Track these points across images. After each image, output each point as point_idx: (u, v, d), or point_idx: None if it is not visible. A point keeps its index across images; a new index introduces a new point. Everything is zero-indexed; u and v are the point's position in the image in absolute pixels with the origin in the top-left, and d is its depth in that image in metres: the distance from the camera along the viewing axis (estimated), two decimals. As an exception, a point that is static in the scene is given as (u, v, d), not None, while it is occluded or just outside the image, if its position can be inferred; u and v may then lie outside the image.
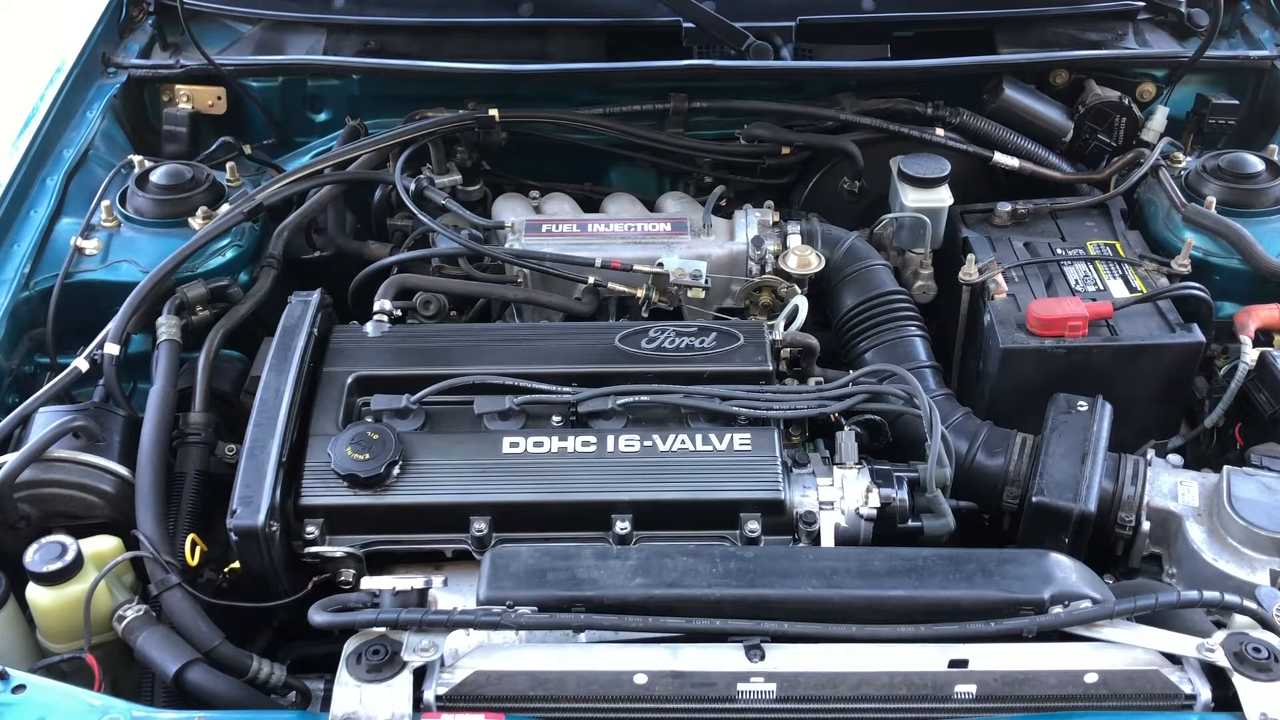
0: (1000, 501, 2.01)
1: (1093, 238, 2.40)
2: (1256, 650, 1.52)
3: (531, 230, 2.41)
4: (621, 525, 1.82)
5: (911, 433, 2.03)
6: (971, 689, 1.54)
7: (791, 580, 1.62)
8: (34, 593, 1.76)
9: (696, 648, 1.57)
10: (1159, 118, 2.68)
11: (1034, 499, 1.90)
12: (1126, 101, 2.67)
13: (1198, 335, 2.14)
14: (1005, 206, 2.44)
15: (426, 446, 1.90)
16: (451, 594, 1.76)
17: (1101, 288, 2.25)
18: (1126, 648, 1.56)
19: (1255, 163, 2.46)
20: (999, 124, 2.63)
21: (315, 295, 2.13)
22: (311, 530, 1.83)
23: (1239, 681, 1.50)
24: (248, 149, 2.69)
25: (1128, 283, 2.26)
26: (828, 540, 1.85)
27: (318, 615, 1.59)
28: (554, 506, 1.85)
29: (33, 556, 1.74)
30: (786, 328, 2.15)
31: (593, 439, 1.91)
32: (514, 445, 1.90)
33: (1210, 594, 1.58)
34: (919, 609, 1.60)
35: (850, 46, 2.74)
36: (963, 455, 2.03)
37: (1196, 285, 2.22)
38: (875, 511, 1.87)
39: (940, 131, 2.59)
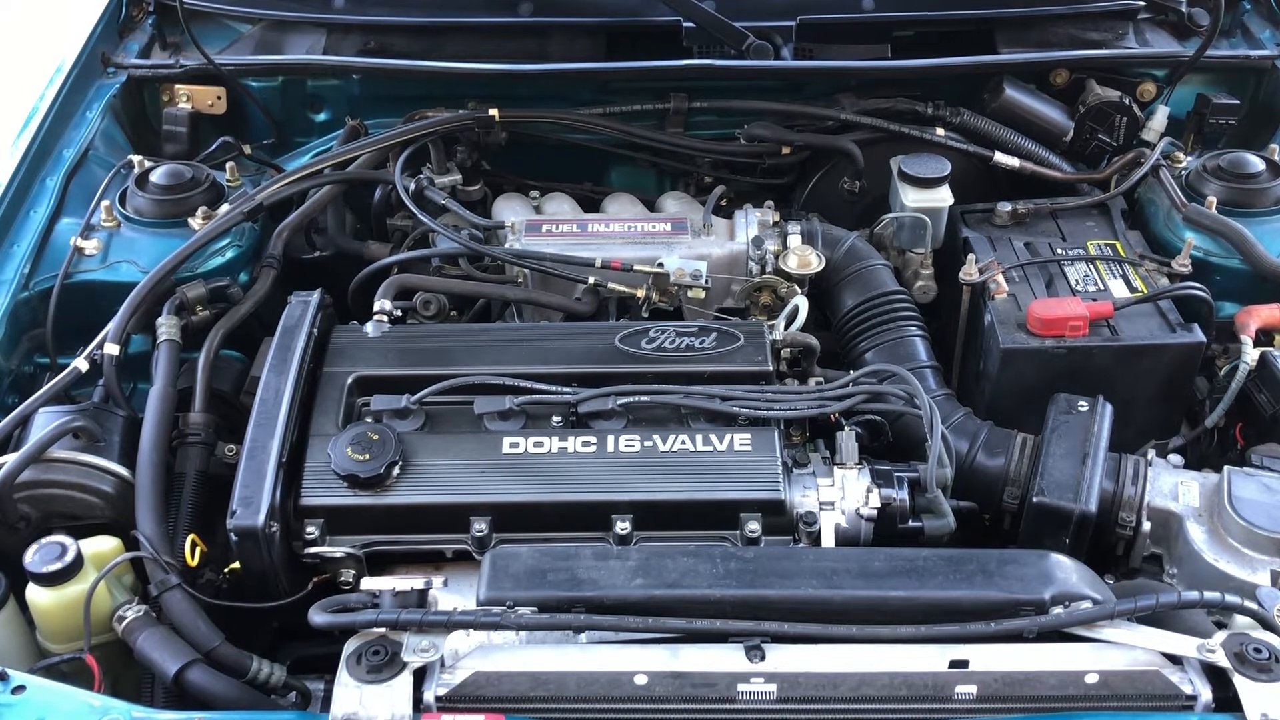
0: (1001, 502, 2.01)
1: (1093, 238, 2.40)
2: (1257, 651, 1.52)
3: (531, 230, 2.40)
4: (622, 526, 1.82)
5: (912, 433, 2.02)
6: (972, 690, 1.54)
7: (792, 581, 1.62)
8: (34, 593, 1.76)
9: (696, 648, 1.56)
10: (1159, 117, 2.68)
11: (1034, 499, 1.90)
12: (1127, 101, 2.67)
13: (1198, 335, 2.14)
14: (1005, 206, 2.44)
15: (426, 447, 1.90)
16: (451, 594, 1.76)
17: (1102, 288, 2.25)
18: (1127, 648, 1.56)
19: (1256, 162, 2.46)
20: (999, 124, 2.63)
21: (315, 295, 2.13)
22: (311, 531, 1.83)
23: (1240, 682, 1.50)
24: (247, 149, 2.69)
25: (1128, 283, 2.26)
26: (828, 540, 1.85)
27: (318, 616, 1.59)
28: (554, 507, 1.85)
29: (32, 557, 1.74)
30: (787, 328, 2.15)
31: (593, 439, 1.91)
32: (514, 445, 1.90)
33: (1211, 594, 1.58)
34: (919, 609, 1.60)
35: (850, 46, 2.74)
36: (963, 455, 2.03)
37: (1197, 285, 2.22)
38: (876, 512, 1.87)
39: (940, 131, 2.59)
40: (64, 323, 2.21)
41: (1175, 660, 1.55)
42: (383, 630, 1.56)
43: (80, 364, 2.04)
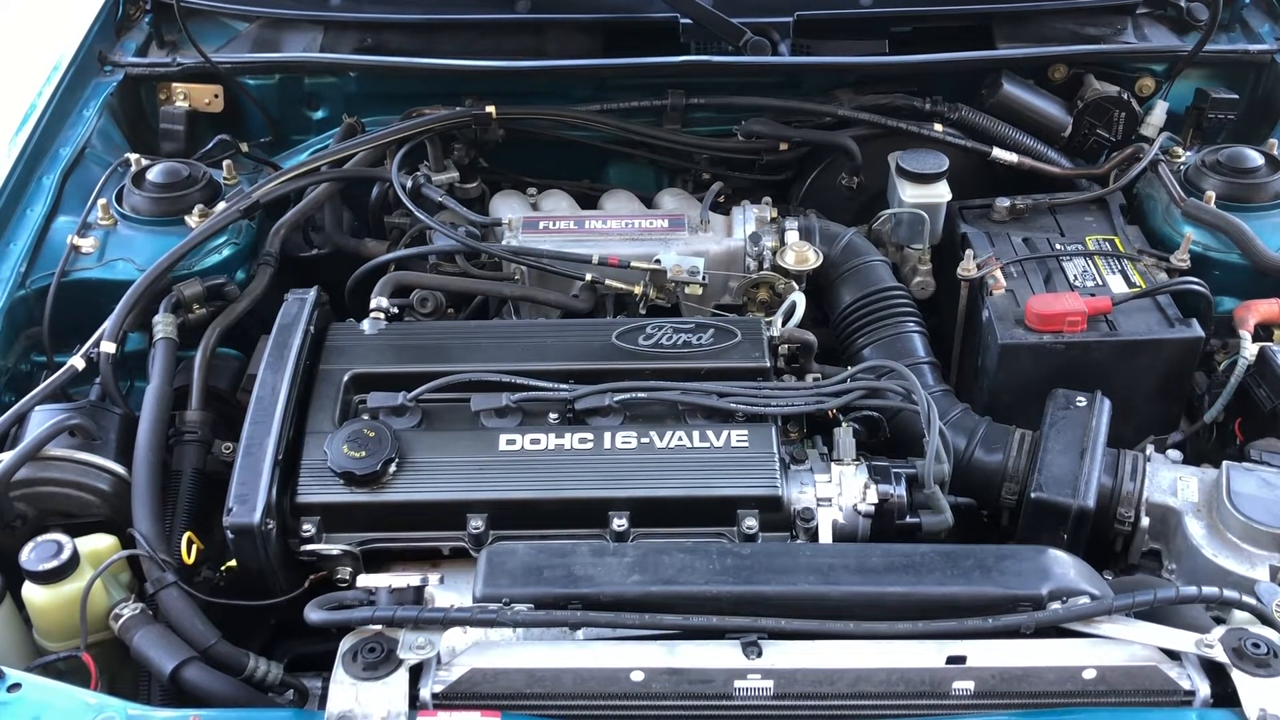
0: (999, 497, 2.00)
1: (1092, 233, 2.40)
2: (1256, 646, 1.52)
3: (529, 227, 2.40)
4: (619, 522, 1.82)
5: (910, 429, 2.02)
6: (970, 685, 1.54)
7: (789, 577, 1.62)
8: (30, 591, 1.75)
9: (693, 645, 1.56)
10: (1158, 112, 2.68)
11: (1032, 495, 1.90)
12: (1125, 96, 2.67)
13: (1197, 330, 2.14)
14: (1004, 202, 2.44)
15: (423, 444, 1.89)
16: (448, 591, 1.77)
17: (1100, 283, 2.24)
18: (1125, 644, 1.55)
19: (1255, 157, 2.45)
20: (997, 119, 2.63)
21: (311, 293, 2.13)
22: (308, 528, 1.83)
23: (1238, 677, 1.50)
24: (245, 147, 2.69)
25: (1127, 278, 2.25)
26: (825, 537, 1.84)
27: (314, 613, 1.59)
28: (551, 504, 1.84)
29: (28, 555, 1.74)
30: (784, 324, 2.15)
31: (590, 436, 1.90)
32: (511, 442, 1.90)
33: (1209, 590, 1.57)
34: (917, 605, 1.59)
35: (848, 42, 2.73)
36: (961, 451, 2.03)
37: (1196, 280, 2.21)
38: (873, 508, 1.86)
39: (939, 127, 2.59)
40: (61, 321, 2.21)
41: (1174, 655, 1.55)
42: (379, 627, 1.56)
43: (77, 362, 2.04)
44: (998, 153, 2.57)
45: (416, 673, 1.52)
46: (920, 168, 2.42)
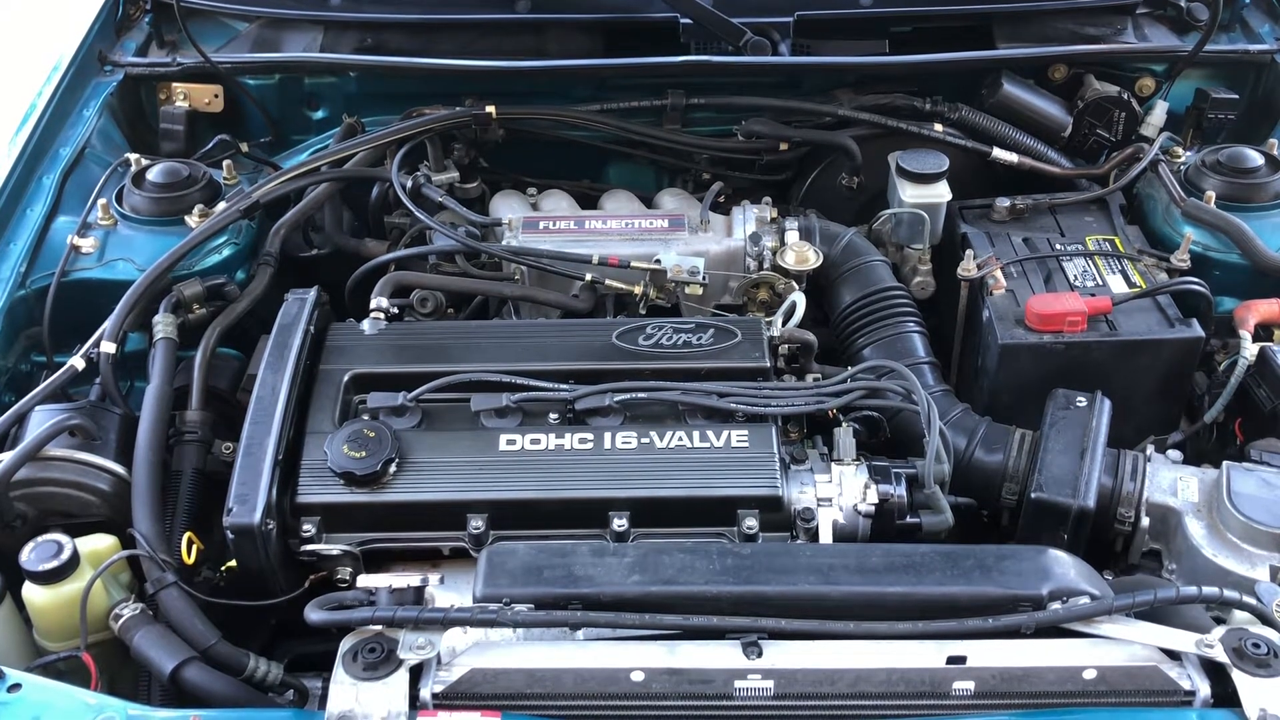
0: (999, 498, 2.00)
1: (1092, 233, 2.40)
2: (1256, 646, 1.52)
3: (529, 227, 2.40)
4: (619, 522, 1.82)
5: (910, 429, 2.02)
6: (970, 685, 1.54)
7: (789, 577, 1.62)
8: (30, 591, 1.75)
9: (693, 645, 1.56)
10: (1158, 112, 2.68)
11: (1033, 495, 1.90)
12: (1125, 96, 2.67)
13: (1197, 330, 2.14)
14: (1004, 202, 2.44)
15: (423, 444, 1.89)
16: (448, 591, 1.77)
17: (1100, 283, 2.24)
18: (1125, 644, 1.55)
19: (1255, 157, 2.45)
20: (998, 119, 2.63)
21: (312, 293, 2.13)
22: (308, 528, 1.83)
23: (1238, 677, 1.50)
24: (245, 147, 2.69)
25: (1127, 278, 2.25)
26: (826, 537, 1.84)
27: (314, 613, 1.59)
28: (551, 504, 1.84)
29: (28, 555, 1.74)
30: (784, 324, 2.15)
31: (590, 436, 1.90)
32: (511, 443, 1.90)
33: (1209, 590, 1.57)
34: (917, 605, 1.59)
35: (848, 42, 2.74)
36: (961, 451, 2.03)
37: (1196, 280, 2.21)
38: (873, 508, 1.86)
39: (939, 127, 2.59)
40: (61, 321, 2.21)
41: (1174, 656, 1.55)
42: (379, 628, 1.56)
43: (77, 362, 2.04)
44: (998, 153, 2.57)
45: (417, 673, 1.52)
46: (920, 168, 2.42)
